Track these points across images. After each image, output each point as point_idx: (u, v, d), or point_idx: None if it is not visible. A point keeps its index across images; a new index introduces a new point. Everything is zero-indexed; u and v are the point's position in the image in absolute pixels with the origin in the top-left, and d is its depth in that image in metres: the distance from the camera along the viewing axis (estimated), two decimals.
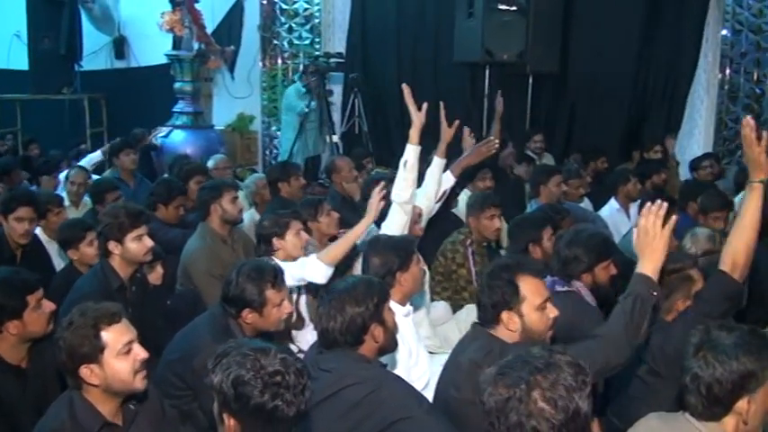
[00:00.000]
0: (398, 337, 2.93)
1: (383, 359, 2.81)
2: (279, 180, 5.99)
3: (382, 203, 3.90)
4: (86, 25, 10.36)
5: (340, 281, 2.99)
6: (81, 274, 4.07)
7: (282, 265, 3.57)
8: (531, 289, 2.77)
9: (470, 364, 2.65)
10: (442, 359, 3.11)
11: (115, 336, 2.46)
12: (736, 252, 2.90)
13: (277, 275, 3.22)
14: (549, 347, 1.82)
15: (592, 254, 3.64)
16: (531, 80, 9.00)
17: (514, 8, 8.35)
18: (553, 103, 9.60)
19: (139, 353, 2.49)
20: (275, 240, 4.05)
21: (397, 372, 3.08)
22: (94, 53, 10.81)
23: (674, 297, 3.26)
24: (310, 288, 4.05)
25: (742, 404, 2.15)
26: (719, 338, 2.23)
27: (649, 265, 2.63)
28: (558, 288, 3.54)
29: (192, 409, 3.10)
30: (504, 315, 2.75)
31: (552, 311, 2.77)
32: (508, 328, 2.75)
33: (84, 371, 2.42)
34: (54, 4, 9.76)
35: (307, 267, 3.77)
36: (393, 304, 2.99)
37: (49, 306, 3.08)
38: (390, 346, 2.80)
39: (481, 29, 8.22)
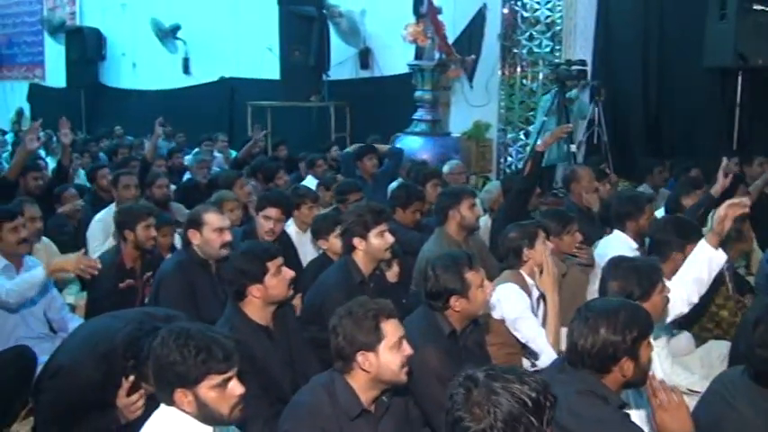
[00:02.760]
0: None
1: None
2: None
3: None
4: (334, 38, 10.99)
5: (603, 299, 2.86)
6: (332, 262, 4.43)
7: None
8: None
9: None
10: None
11: (392, 329, 2.66)
12: None
13: (471, 257, 3.29)
14: None
15: None
16: None
17: None
18: None
19: (407, 348, 2.67)
20: (526, 251, 3.98)
21: (633, 412, 2.80)
22: (341, 64, 11.45)
23: None
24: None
25: None
26: None
27: None
28: None
29: None
30: None
31: None
32: None
33: (361, 357, 2.61)
34: (305, 20, 10.51)
35: (544, 357, 3.76)
36: None
37: (288, 273, 3.38)
38: (640, 380, 2.57)
39: (734, 31, 7.65)
